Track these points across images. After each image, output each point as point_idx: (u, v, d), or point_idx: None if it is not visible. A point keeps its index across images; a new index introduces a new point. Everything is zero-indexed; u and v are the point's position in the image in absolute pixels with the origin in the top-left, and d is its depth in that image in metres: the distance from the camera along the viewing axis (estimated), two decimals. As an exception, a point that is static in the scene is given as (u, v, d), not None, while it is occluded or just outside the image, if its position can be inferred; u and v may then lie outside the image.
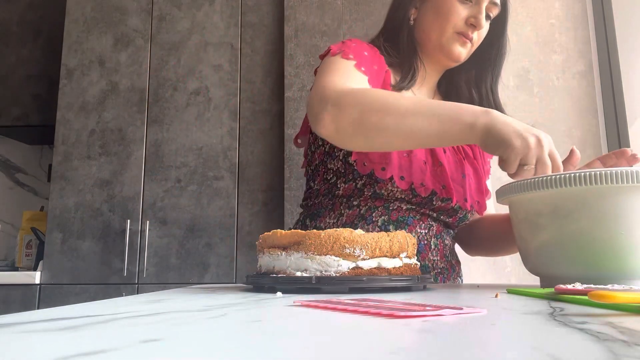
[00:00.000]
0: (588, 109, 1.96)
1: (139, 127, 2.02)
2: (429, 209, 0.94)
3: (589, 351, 0.22)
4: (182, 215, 1.94)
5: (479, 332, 0.29)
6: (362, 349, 0.24)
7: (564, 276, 0.62)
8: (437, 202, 0.93)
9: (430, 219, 0.95)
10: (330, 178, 0.95)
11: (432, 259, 0.95)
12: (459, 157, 0.98)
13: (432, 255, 0.95)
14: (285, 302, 0.47)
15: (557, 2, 2.05)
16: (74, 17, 2.11)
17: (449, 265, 0.99)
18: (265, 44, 2.07)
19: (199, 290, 0.69)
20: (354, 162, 0.90)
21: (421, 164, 0.91)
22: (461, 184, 0.95)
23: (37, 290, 1.89)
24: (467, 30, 0.94)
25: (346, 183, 0.92)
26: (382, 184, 0.89)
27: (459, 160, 0.97)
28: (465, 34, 0.95)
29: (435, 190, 0.91)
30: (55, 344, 0.25)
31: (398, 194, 0.90)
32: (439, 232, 0.97)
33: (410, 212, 0.93)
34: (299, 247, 0.62)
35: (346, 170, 0.92)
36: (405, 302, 0.42)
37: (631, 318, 0.33)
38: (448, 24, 0.94)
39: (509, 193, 0.70)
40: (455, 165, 0.96)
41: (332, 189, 0.94)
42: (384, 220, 0.91)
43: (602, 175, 0.59)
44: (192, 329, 0.30)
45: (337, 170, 0.93)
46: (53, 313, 0.37)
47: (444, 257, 0.97)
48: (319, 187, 0.97)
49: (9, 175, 2.54)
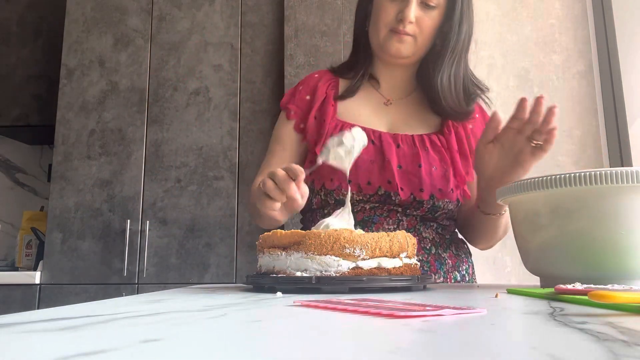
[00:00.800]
0: (588, 109, 1.96)
1: (139, 127, 2.02)
2: (391, 205, 0.98)
3: (589, 351, 0.22)
4: (182, 215, 1.94)
5: (479, 332, 0.29)
6: (362, 349, 0.24)
7: (564, 276, 0.62)
8: (395, 198, 0.96)
9: (398, 214, 0.98)
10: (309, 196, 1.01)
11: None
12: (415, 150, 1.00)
13: None
14: (285, 302, 0.47)
15: (557, 2, 2.05)
16: (74, 17, 2.11)
17: (433, 259, 0.99)
18: (265, 44, 2.07)
19: (199, 290, 0.69)
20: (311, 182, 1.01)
21: (367, 164, 0.97)
22: (416, 174, 0.97)
23: (37, 290, 1.89)
24: (398, 25, 0.98)
25: (315, 197, 1.02)
26: (337, 191, 0.98)
27: (415, 153, 1.00)
28: (397, 29, 0.98)
29: (380, 186, 0.96)
30: (55, 344, 0.25)
31: (354, 196, 0.97)
32: (412, 226, 0.99)
33: (375, 211, 0.98)
34: (299, 247, 0.62)
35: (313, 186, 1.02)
36: (405, 302, 0.42)
37: (631, 318, 0.33)
38: (381, 23, 1.00)
39: (508, 193, 0.70)
40: (410, 158, 0.99)
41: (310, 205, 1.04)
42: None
43: (602, 175, 0.59)
44: (192, 329, 0.30)
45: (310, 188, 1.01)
46: (53, 313, 0.37)
47: (422, 250, 0.99)
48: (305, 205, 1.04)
49: (9, 175, 2.54)
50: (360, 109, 1.06)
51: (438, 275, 0.99)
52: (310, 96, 1.07)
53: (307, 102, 1.07)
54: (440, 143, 1.03)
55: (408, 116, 1.07)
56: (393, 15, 0.98)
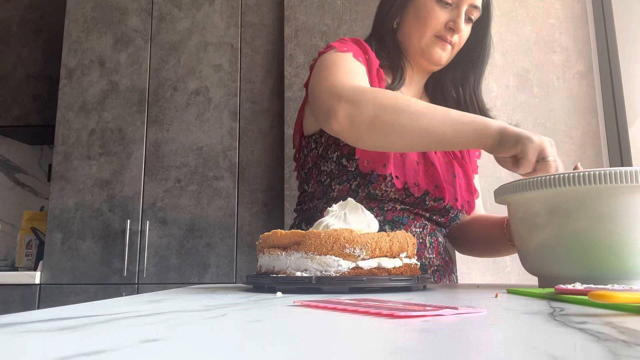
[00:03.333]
0: (588, 109, 1.96)
1: (139, 127, 2.02)
2: (422, 209, 0.96)
3: (589, 351, 0.22)
4: (182, 215, 1.94)
5: (479, 332, 0.29)
6: (362, 349, 0.24)
7: (562, 276, 0.62)
8: (429, 202, 0.94)
9: (423, 219, 0.97)
10: (324, 180, 0.95)
11: (428, 257, 0.97)
12: (448, 158, 0.99)
13: (427, 253, 0.96)
14: (285, 302, 0.47)
15: (557, 2, 2.05)
16: (74, 17, 2.11)
17: (443, 263, 1.00)
18: (265, 44, 2.07)
19: (199, 290, 0.69)
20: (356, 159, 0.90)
21: (414, 164, 0.92)
22: (452, 183, 0.97)
23: (37, 290, 1.89)
24: (447, 34, 0.95)
25: (340, 184, 0.92)
26: (377, 184, 0.89)
27: (449, 161, 0.99)
28: (444, 37, 0.96)
29: (428, 190, 0.92)
30: (55, 344, 0.25)
31: (392, 194, 0.91)
32: (433, 231, 0.99)
33: (404, 212, 0.94)
34: (299, 247, 0.62)
35: (340, 171, 0.92)
36: (405, 302, 0.42)
37: (631, 318, 0.33)
38: (427, 28, 0.95)
39: (507, 193, 0.70)
40: (446, 166, 0.97)
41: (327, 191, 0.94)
42: (380, 220, 0.91)
43: (601, 174, 0.59)
44: (192, 329, 0.30)
45: (331, 172, 0.93)
46: (53, 313, 0.37)
47: (439, 255, 0.99)
48: (313, 190, 0.98)
49: (9, 175, 2.54)
50: None
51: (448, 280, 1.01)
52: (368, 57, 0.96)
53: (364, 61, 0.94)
54: (461, 155, 1.03)
55: None
56: (443, 22, 0.95)
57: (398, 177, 0.90)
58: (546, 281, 0.68)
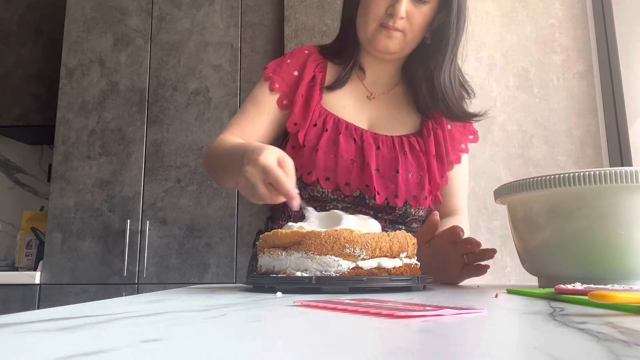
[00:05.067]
0: (588, 109, 1.96)
1: (139, 127, 2.02)
2: (365, 207, 0.97)
3: (589, 351, 0.22)
4: (182, 215, 1.94)
5: (479, 332, 0.29)
6: (362, 349, 0.24)
7: (563, 276, 0.62)
8: (370, 201, 0.95)
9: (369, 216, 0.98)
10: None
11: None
12: (394, 154, 0.98)
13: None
14: (285, 302, 0.47)
15: (557, 2, 2.05)
16: (74, 17, 2.11)
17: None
18: (265, 44, 2.07)
19: (199, 290, 0.69)
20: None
21: (348, 163, 0.95)
22: (393, 180, 0.96)
23: (37, 290, 1.89)
24: (388, 21, 0.95)
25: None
26: (313, 187, 0.95)
27: (394, 157, 0.98)
28: (386, 24, 0.95)
29: (359, 188, 0.95)
30: (55, 344, 0.25)
31: (329, 194, 0.96)
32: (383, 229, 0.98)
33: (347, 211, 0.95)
34: (299, 247, 0.62)
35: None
36: (405, 302, 0.42)
37: (631, 318, 0.33)
38: (370, 17, 0.96)
39: (507, 193, 0.70)
40: (389, 162, 0.97)
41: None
42: None
43: (601, 174, 0.59)
44: (192, 329, 0.30)
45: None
46: (53, 313, 0.37)
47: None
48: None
49: (9, 175, 2.54)
50: (344, 101, 1.04)
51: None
52: (299, 73, 1.03)
53: (294, 79, 1.02)
54: (419, 146, 1.02)
55: (389, 113, 1.06)
56: (383, 9, 0.94)
57: (329, 178, 0.95)
58: (546, 281, 0.68)
